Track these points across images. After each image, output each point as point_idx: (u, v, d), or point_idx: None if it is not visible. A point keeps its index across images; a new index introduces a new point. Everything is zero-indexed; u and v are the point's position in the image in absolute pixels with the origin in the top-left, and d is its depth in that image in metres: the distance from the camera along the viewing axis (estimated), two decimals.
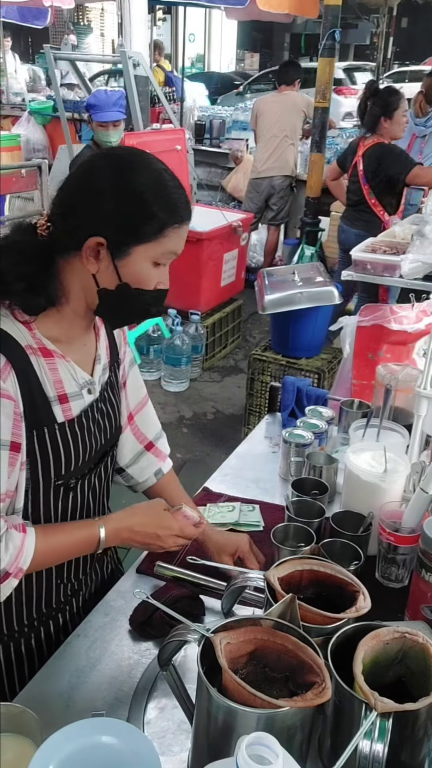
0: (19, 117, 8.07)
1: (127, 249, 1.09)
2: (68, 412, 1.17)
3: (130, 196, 1.08)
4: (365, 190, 4.13)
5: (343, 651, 0.94)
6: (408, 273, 3.03)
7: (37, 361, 1.10)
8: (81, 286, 1.13)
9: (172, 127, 5.61)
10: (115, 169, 1.10)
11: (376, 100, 4.04)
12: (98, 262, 1.10)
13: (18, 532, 1.09)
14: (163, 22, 15.41)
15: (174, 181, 1.12)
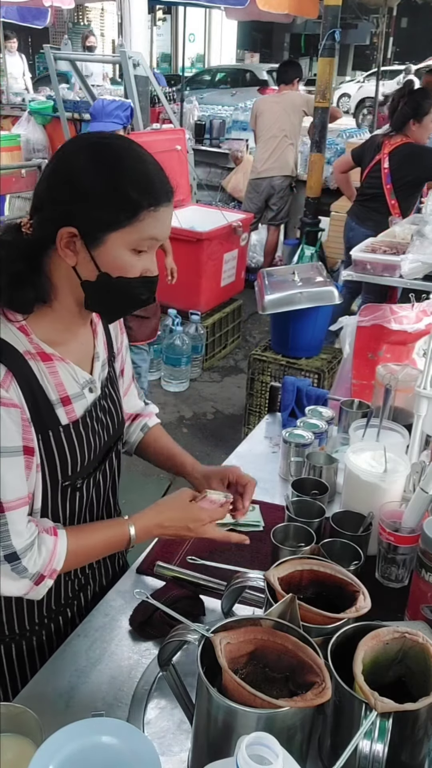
0: (19, 117, 8.07)
1: (101, 237, 1.05)
2: (72, 414, 1.17)
3: (96, 179, 1.03)
4: (387, 189, 4.03)
5: (343, 651, 0.94)
6: (408, 273, 3.03)
7: (37, 366, 1.09)
8: (66, 281, 1.10)
9: (172, 127, 5.61)
10: (81, 153, 1.06)
11: (409, 100, 3.95)
12: (76, 254, 1.07)
13: (50, 535, 1.12)
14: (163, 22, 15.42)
15: (146, 162, 1.08)
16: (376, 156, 4.09)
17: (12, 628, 1.25)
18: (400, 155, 3.99)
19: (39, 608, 1.26)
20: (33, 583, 1.10)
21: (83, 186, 1.03)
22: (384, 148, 4.05)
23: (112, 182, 1.03)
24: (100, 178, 1.03)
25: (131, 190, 1.03)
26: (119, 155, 1.06)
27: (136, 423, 1.48)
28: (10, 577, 1.07)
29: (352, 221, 4.31)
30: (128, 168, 1.05)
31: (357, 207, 4.31)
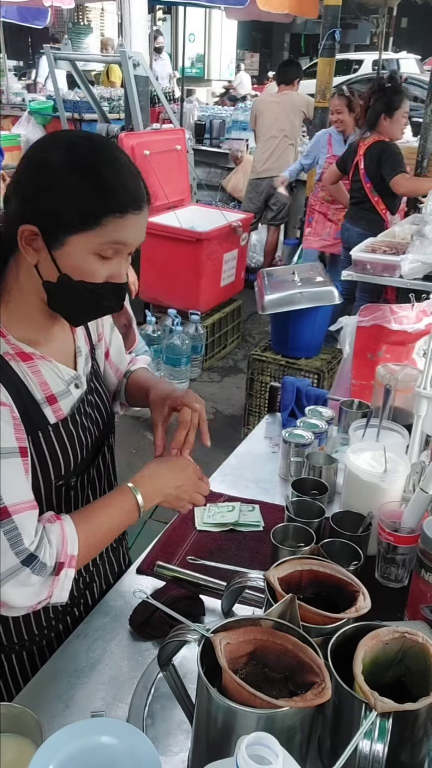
0: (19, 117, 8.08)
1: (61, 238, 1.02)
2: (59, 412, 1.15)
3: (62, 180, 1.00)
4: (367, 189, 4.12)
5: (343, 651, 0.94)
6: (408, 273, 3.03)
7: (18, 367, 1.08)
8: (29, 279, 1.08)
9: (172, 127, 5.61)
10: (53, 151, 1.02)
11: (380, 96, 4.03)
12: (37, 253, 1.04)
13: (53, 523, 1.07)
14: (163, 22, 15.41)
15: (117, 166, 1.04)
16: (354, 159, 4.19)
17: (20, 634, 1.24)
18: (372, 153, 4.06)
19: (45, 611, 1.25)
20: (54, 576, 1.04)
21: (48, 184, 1.01)
22: (360, 149, 4.14)
23: (76, 184, 1.00)
24: (66, 179, 1.00)
25: (96, 194, 1.01)
26: (91, 157, 1.03)
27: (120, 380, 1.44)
28: (31, 582, 1.01)
29: (347, 222, 4.40)
30: (96, 171, 1.02)
31: (351, 209, 4.40)
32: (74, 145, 1.04)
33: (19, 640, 1.25)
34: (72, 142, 1.05)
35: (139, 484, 1.17)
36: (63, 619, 1.30)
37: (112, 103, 7.52)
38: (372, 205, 4.15)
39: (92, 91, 6.27)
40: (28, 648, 1.26)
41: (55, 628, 1.29)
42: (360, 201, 4.24)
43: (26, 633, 1.25)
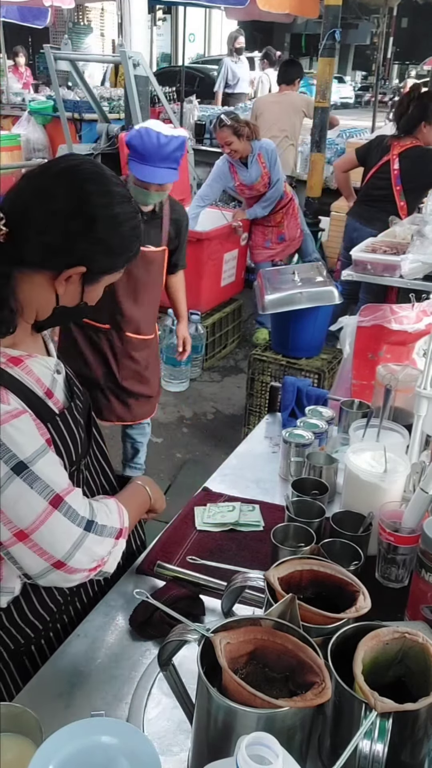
0: (19, 117, 8.07)
1: (100, 277, 1.16)
2: (58, 403, 1.20)
3: (118, 231, 1.12)
4: (396, 191, 3.99)
5: (343, 651, 0.94)
6: (408, 273, 3.03)
7: (14, 372, 1.11)
8: (38, 300, 1.13)
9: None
10: (102, 197, 1.10)
11: (419, 103, 3.91)
12: (67, 284, 1.12)
13: (109, 499, 1.24)
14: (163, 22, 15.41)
15: (138, 214, 1.18)
16: (383, 157, 4.03)
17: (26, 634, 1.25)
18: (413, 157, 3.94)
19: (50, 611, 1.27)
20: (114, 539, 1.17)
21: (103, 236, 1.10)
22: (393, 149, 3.98)
23: (127, 236, 1.14)
24: (119, 231, 1.12)
25: (136, 243, 1.17)
26: (130, 207, 1.15)
27: None
28: (96, 543, 1.13)
29: (356, 222, 4.23)
30: (136, 222, 1.16)
31: (362, 208, 4.25)
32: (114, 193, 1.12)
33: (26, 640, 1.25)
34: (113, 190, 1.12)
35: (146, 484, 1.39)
36: (67, 610, 1.31)
37: (112, 103, 7.51)
38: (394, 207, 4.00)
39: (92, 91, 6.26)
40: (26, 648, 1.26)
41: (55, 629, 1.29)
42: (377, 200, 4.09)
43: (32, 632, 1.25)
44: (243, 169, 4.59)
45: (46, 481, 1.07)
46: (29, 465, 1.05)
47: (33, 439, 1.08)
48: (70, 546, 1.09)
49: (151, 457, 3.33)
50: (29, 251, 1.08)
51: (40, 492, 1.06)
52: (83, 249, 1.10)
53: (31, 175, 1.12)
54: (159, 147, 2.37)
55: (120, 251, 1.14)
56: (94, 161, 1.18)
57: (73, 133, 6.66)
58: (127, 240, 1.14)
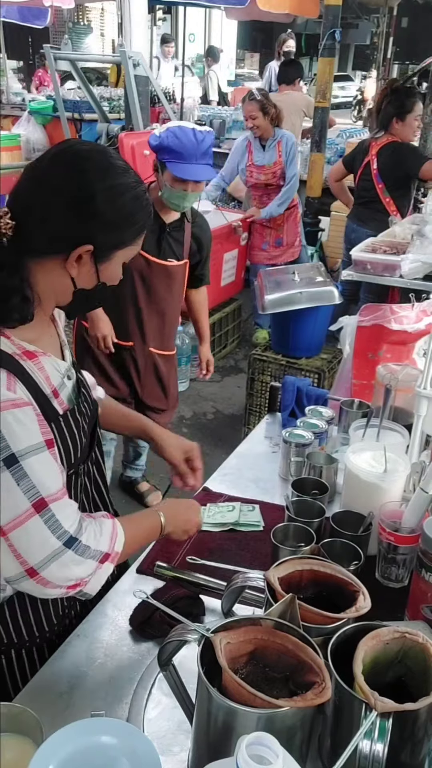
0: (19, 117, 8.07)
1: (110, 254, 1.13)
2: (63, 405, 1.18)
3: (118, 203, 1.09)
4: (379, 189, 4.07)
5: (343, 651, 0.94)
6: (408, 273, 3.03)
7: (27, 365, 1.10)
8: (54, 287, 1.13)
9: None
10: (99, 173, 1.08)
11: (393, 99, 3.99)
12: (79, 266, 1.11)
13: (107, 519, 1.18)
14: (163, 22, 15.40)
15: (143, 184, 1.16)
16: (365, 158, 4.15)
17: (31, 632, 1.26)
18: (386, 154, 4.03)
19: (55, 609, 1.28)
20: (97, 563, 1.11)
21: (103, 210, 1.08)
22: (371, 149, 4.10)
23: (129, 207, 1.11)
24: (120, 206, 1.10)
25: (141, 214, 1.13)
26: (129, 178, 1.12)
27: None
28: (74, 562, 1.08)
29: (354, 224, 4.32)
30: (139, 193, 1.13)
31: (357, 209, 4.34)
32: (110, 165, 1.11)
33: (30, 638, 1.26)
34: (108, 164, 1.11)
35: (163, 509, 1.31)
36: (68, 615, 1.32)
37: (112, 103, 7.50)
38: (383, 206, 4.09)
39: (92, 91, 6.26)
40: (28, 648, 1.27)
41: (61, 627, 1.30)
42: (369, 201, 4.18)
43: (37, 630, 1.26)
44: (259, 150, 4.58)
45: (34, 481, 1.04)
46: (20, 459, 1.03)
47: (31, 433, 1.05)
48: (44, 557, 1.05)
49: (151, 457, 3.33)
50: (36, 239, 1.08)
51: (25, 491, 1.03)
52: (85, 227, 1.08)
53: (29, 167, 1.13)
54: (198, 144, 2.34)
55: (124, 224, 1.11)
56: (88, 141, 1.18)
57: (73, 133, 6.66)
58: (130, 211, 1.11)
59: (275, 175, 4.59)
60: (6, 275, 1.06)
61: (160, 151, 2.38)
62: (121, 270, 1.17)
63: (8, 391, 1.03)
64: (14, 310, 1.07)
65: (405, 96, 4.01)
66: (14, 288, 1.06)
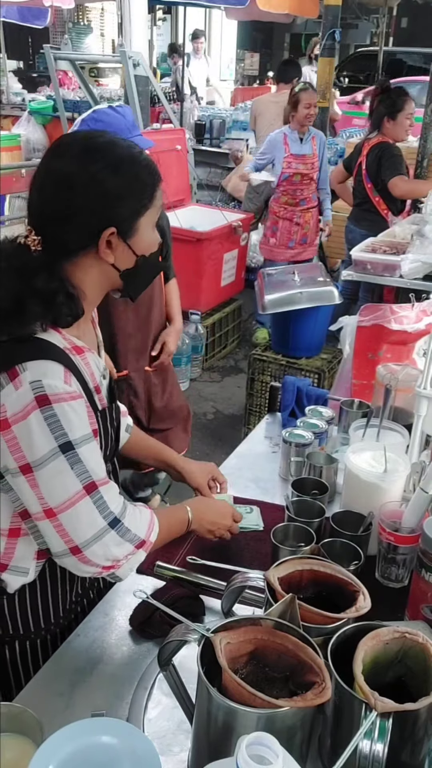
0: (19, 117, 8.07)
1: (134, 226, 1.14)
2: (102, 401, 1.23)
3: (118, 177, 1.10)
4: (368, 189, 4.13)
5: (343, 651, 0.94)
6: (408, 273, 3.03)
7: (76, 360, 1.14)
8: (98, 279, 1.16)
9: (172, 127, 5.61)
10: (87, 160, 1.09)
11: (384, 98, 4.04)
12: (113, 250, 1.13)
13: (146, 509, 1.23)
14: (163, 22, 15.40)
15: (133, 146, 1.16)
16: (359, 159, 4.19)
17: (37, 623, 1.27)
18: (373, 154, 4.07)
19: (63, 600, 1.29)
20: (134, 547, 1.16)
21: (109, 187, 1.09)
22: (363, 149, 4.14)
23: (130, 175, 1.11)
24: (121, 175, 1.10)
25: (145, 174, 1.14)
26: (120, 148, 1.13)
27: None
28: (114, 542, 1.13)
29: (351, 224, 4.38)
30: (133, 157, 1.13)
31: (354, 210, 4.39)
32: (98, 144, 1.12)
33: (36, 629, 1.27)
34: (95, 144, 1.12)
35: (191, 506, 1.36)
36: (74, 609, 1.33)
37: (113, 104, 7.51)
38: (373, 205, 4.14)
39: (92, 91, 6.26)
40: (32, 640, 1.27)
41: (62, 623, 1.31)
42: (362, 202, 4.24)
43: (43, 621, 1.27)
44: (296, 142, 4.61)
45: (86, 466, 1.09)
46: (76, 447, 1.08)
47: (84, 423, 1.10)
48: (90, 536, 1.10)
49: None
50: (61, 241, 1.11)
51: (78, 474, 1.08)
52: (101, 211, 1.10)
53: (32, 180, 1.15)
54: (123, 117, 2.26)
55: (133, 191, 1.12)
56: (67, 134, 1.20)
57: None
58: (133, 176, 1.12)
59: (314, 166, 4.61)
60: (45, 278, 1.09)
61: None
62: (153, 235, 1.18)
63: (66, 384, 1.07)
64: (63, 308, 1.10)
65: (396, 95, 4.04)
66: (56, 289, 1.09)
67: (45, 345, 1.08)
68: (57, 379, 1.06)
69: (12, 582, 1.21)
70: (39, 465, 1.06)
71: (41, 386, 1.05)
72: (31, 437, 1.05)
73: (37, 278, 1.07)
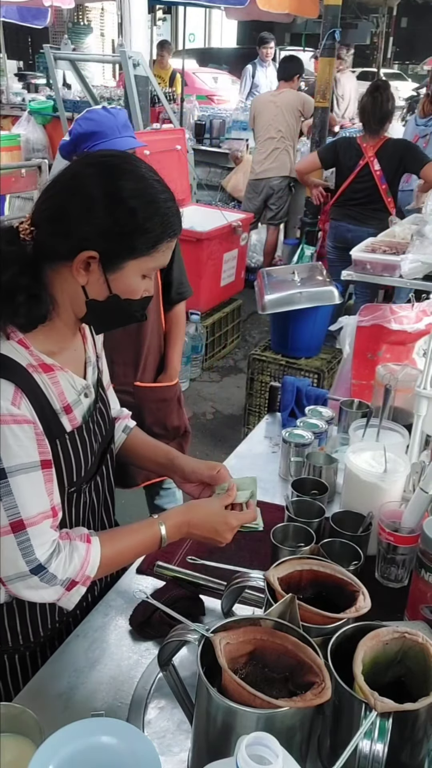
0: (19, 117, 8.07)
1: (119, 263, 1.08)
2: (74, 421, 1.17)
3: (122, 208, 1.05)
4: (383, 190, 4.04)
5: (343, 651, 0.94)
6: (408, 273, 3.03)
7: (40, 378, 1.09)
8: (69, 295, 1.11)
9: (172, 127, 5.61)
10: (105, 176, 1.06)
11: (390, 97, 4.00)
12: (88, 274, 1.08)
13: (83, 542, 1.13)
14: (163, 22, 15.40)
15: (166, 193, 1.10)
16: (359, 161, 4.08)
17: (27, 636, 1.25)
18: (389, 153, 4.01)
19: (51, 615, 1.27)
20: (64, 589, 1.10)
21: (112, 215, 1.05)
22: (366, 151, 4.05)
23: (141, 215, 1.06)
24: (131, 210, 1.05)
25: (157, 223, 1.07)
26: (147, 184, 1.08)
27: (116, 425, 1.45)
28: (40, 586, 1.08)
29: (348, 224, 4.25)
30: (156, 200, 1.08)
31: (352, 210, 4.24)
32: (126, 172, 1.08)
33: (25, 641, 1.25)
34: (123, 169, 1.09)
35: (167, 520, 1.21)
36: (66, 621, 1.31)
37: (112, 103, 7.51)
38: (384, 205, 4.07)
39: (92, 91, 6.26)
40: (21, 653, 1.26)
41: (57, 630, 1.30)
42: (368, 202, 4.13)
43: (32, 635, 1.25)
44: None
45: (17, 500, 1.03)
46: (8, 476, 1.02)
47: (26, 451, 1.04)
48: (11, 574, 1.06)
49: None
50: (45, 241, 1.08)
51: (6, 508, 1.03)
52: (90, 233, 1.05)
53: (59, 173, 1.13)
54: (114, 117, 2.19)
55: (132, 231, 1.06)
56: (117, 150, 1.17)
57: None
58: (141, 217, 1.06)
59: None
60: (16, 272, 1.05)
61: (80, 143, 2.15)
62: (140, 284, 1.12)
63: (12, 406, 1.02)
64: (19, 308, 1.05)
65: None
66: (21, 286, 1.05)
67: (1, 360, 1.03)
68: (3, 399, 1.01)
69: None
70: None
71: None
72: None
73: (5, 272, 1.04)
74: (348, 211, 4.28)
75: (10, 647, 1.24)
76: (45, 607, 1.25)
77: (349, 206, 4.26)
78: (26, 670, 1.27)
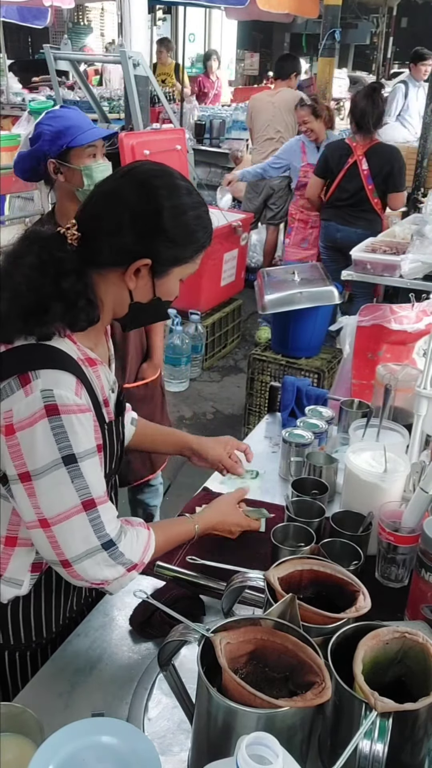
0: (19, 117, 8.07)
1: (167, 269, 1.16)
2: (110, 414, 1.23)
3: (182, 221, 1.12)
4: (369, 190, 4.05)
5: (343, 651, 0.94)
6: (408, 273, 3.03)
7: (87, 371, 1.14)
8: (113, 298, 1.17)
9: (172, 126, 5.61)
10: (167, 191, 1.12)
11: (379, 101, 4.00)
12: (137, 279, 1.14)
13: (144, 529, 1.23)
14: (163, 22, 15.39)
15: (205, 204, 1.19)
16: (348, 160, 4.08)
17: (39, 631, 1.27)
18: (380, 157, 4.02)
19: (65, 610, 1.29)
20: (126, 570, 1.16)
21: (167, 226, 1.11)
22: (356, 150, 4.05)
23: (191, 225, 1.14)
24: (182, 223, 1.13)
25: (201, 233, 1.16)
26: (196, 199, 1.16)
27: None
28: (106, 564, 1.13)
29: (337, 224, 4.24)
30: (202, 213, 1.17)
31: (340, 211, 4.23)
32: (176, 186, 1.14)
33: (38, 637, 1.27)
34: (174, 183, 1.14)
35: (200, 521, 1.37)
36: (73, 617, 1.33)
37: (112, 103, 7.51)
38: (372, 206, 4.09)
39: (92, 91, 6.26)
40: (22, 651, 1.27)
41: (66, 626, 1.31)
42: (356, 203, 4.14)
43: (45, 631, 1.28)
44: (314, 152, 4.65)
45: (86, 481, 1.09)
46: (79, 460, 1.08)
47: (90, 437, 1.10)
48: (82, 552, 1.10)
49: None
50: (100, 251, 1.12)
51: (78, 489, 1.08)
52: (149, 241, 1.11)
53: (100, 183, 1.19)
54: (77, 113, 2.21)
55: (185, 240, 1.14)
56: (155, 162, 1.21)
57: None
58: (192, 229, 1.14)
59: None
60: (74, 280, 1.09)
61: (53, 141, 2.08)
62: (177, 287, 1.21)
63: (76, 396, 1.08)
64: (82, 313, 1.11)
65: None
66: (80, 292, 1.10)
67: (59, 354, 1.08)
68: (68, 390, 1.06)
69: (5, 593, 1.21)
70: (39, 474, 1.06)
71: (52, 396, 1.04)
72: (35, 446, 1.05)
73: (66, 279, 1.08)
74: (337, 212, 4.27)
75: (11, 645, 1.25)
76: (60, 601, 1.27)
77: (338, 207, 4.25)
78: (26, 670, 1.27)
